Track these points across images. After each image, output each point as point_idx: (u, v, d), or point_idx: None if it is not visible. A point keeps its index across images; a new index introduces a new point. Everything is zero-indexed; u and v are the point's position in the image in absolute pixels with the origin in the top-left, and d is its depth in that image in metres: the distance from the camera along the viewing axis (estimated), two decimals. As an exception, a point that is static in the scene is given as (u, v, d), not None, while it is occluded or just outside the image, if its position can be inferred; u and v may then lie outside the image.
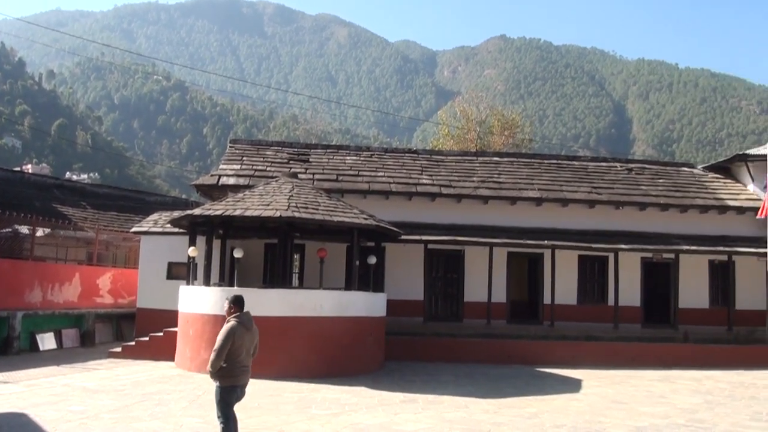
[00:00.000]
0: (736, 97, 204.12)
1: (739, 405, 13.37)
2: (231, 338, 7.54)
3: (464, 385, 14.61)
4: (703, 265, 23.48)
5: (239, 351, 7.62)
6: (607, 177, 24.54)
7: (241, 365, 7.67)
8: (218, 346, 7.48)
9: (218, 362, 7.47)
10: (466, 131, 46.09)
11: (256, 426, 9.72)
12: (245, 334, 7.73)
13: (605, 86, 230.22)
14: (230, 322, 7.72)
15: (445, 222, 21.68)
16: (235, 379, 7.64)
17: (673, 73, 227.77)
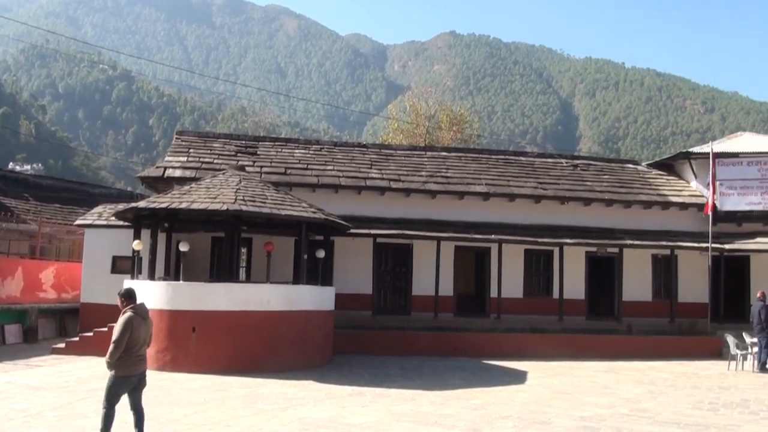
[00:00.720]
0: (680, 97, 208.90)
1: (681, 394, 13.77)
2: (129, 329, 7.76)
3: (412, 378, 14.73)
4: (646, 259, 24.08)
5: (136, 341, 7.85)
6: (553, 173, 24.94)
7: (136, 355, 7.90)
8: (116, 337, 7.70)
9: (117, 353, 7.70)
10: (415, 126, 46.28)
11: (202, 421, 9.64)
12: (141, 325, 7.95)
13: (553, 84, 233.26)
14: (126, 313, 7.91)
15: (394, 216, 21.78)
16: (130, 369, 7.86)
17: (620, 72, 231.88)
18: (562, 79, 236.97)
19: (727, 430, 10.23)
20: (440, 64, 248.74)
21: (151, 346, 14.45)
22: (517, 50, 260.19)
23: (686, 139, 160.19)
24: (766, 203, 23.82)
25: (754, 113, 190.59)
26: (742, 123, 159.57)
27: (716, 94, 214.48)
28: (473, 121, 53.92)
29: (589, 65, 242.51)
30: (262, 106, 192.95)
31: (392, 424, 9.78)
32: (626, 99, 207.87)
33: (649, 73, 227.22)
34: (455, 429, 9.62)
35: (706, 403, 12.69)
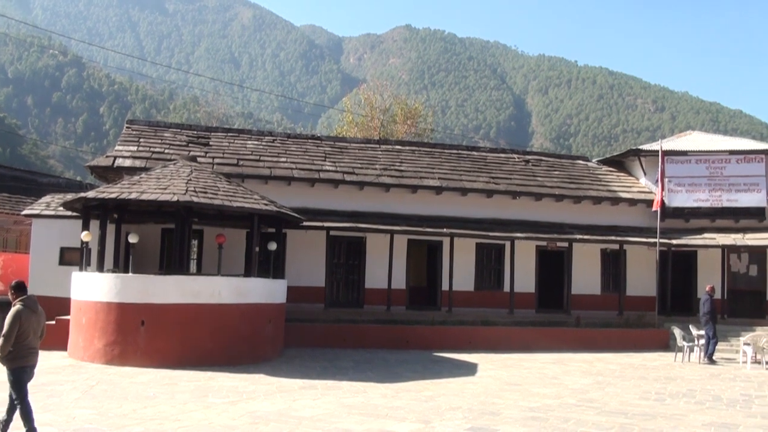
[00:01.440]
0: (632, 95, 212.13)
1: (629, 385, 14.07)
2: (18, 322, 7.77)
3: (363, 371, 14.76)
4: (595, 254, 24.54)
5: (26, 333, 7.86)
6: (505, 168, 25.19)
7: (28, 347, 7.92)
8: (6, 331, 7.70)
9: (7, 346, 7.70)
10: (370, 119, 46.26)
11: (152, 416, 9.51)
12: (31, 317, 7.95)
13: (506, 80, 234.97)
14: (16, 306, 7.91)
15: (347, 209, 21.75)
16: (23, 360, 7.89)
17: (572, 69, 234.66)
18: (516, 76, 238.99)
19: (673, 419, 10.47)
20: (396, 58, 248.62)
21: (99, 339, 14.35)
22: (471, 46, 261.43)
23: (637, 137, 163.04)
24: (714, 200, 24.48)
25: (703, 113, 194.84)
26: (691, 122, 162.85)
27: (667, 93, 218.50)
28: (427, 115, 54.09)
29: (542, 62, 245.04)
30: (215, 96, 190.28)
31: (343, 417, 9.79)
32: (578, 96, 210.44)
33: (601, 71, 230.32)
34: (406, 421, 9.67)
35: (653, 394, 13.00)
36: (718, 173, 24.62)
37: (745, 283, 24.94)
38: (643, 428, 9.69)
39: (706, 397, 12.79)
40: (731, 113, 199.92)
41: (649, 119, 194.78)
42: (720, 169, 24.64)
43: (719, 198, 24.50)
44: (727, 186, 24.51)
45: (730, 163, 24.67)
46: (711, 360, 18.36)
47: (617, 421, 10.13)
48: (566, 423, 9.87)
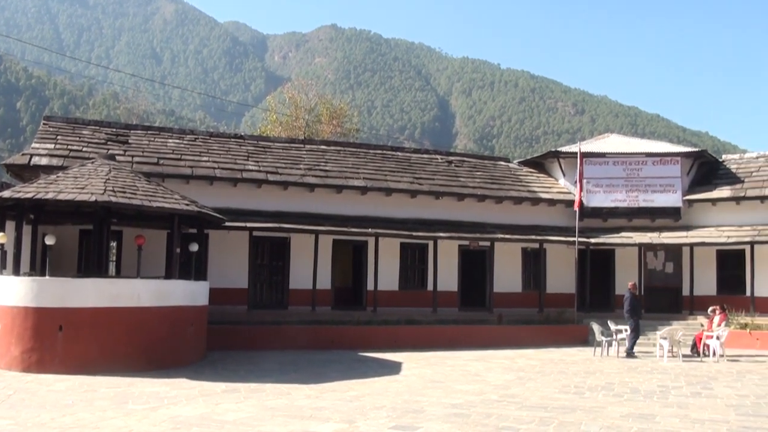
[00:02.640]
0: (552, 99, 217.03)
1: (549, 380, 14.37)
2: None
3: (288, 372, 14.64)
4: (516, 253, 25.06)
5: None
6: (428, 168, 25.44)
7: None
8: None
9: None
10: (294, 118, 46.02)
11: (70, 424, 9.19)
12: None
13: (431, 81, 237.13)
14: None
15: (271, 209, 21.55)
16: None
17: (495, 72, 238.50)
18: (440, 77, 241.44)
19: (592, 411, 10.72)
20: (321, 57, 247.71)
21: (16, 346, 13.78)
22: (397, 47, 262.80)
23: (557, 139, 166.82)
24: (631, 200, 25.33)
25: (622, 116, 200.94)
26: (610, 125, 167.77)
27: (587, 97, 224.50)
28: (353, 115, 54.27)
29: (466, 65, 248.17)
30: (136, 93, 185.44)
31: (267, 420, 9.68)
32: (501, 99, 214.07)
33: (523, 74, 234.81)
34: (330, 421, 9.64)
35: (573, 387, 13.30)
36: (635, 175, 25.48)
37: (661, 279, 25.86)
38: (563, 421, 9.89)
39: (624, 389, 13.17)
40: (649, 117, 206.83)
41: (570, 122, 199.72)
42: (637, 171, 25.50)
43: (636, 198, 25.37)
44: (643, 187, 25.39)
45: (646, 165, 25.56)
46: (631, 354, 18.97)
47: (537, 415, 10.32)
48: (488, 418, 10.01)
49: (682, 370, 16.45)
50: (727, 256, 25.07)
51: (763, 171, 25.55)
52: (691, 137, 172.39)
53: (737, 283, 24.45)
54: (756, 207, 24.53)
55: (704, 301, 23.09)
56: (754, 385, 14.06)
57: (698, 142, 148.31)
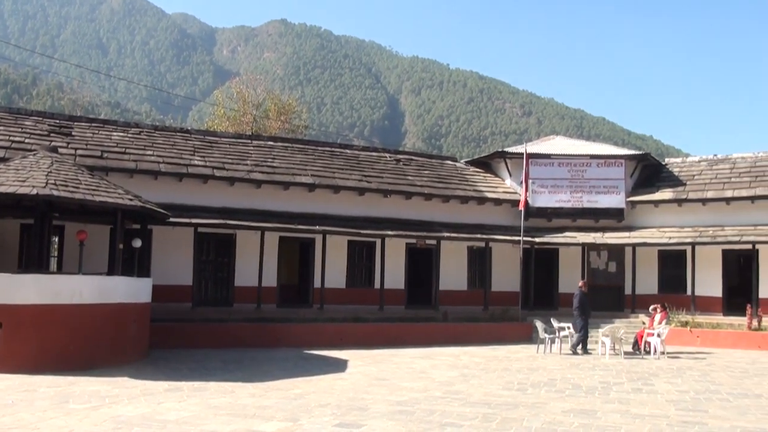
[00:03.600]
0: (500, 99, 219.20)
1: (493, 376, 14.54)
2: None
3: (232, 371, 14.50)
4: (462, 251, 25.30)
5: None
6: (377, 166, 25.48)
7: None
8: None
9: None
10: (242, 114, 45.55)
11: (10, 424, 8.93)
12: None
13: (381, 79, 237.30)
14: None
15: (217, 205, 21.28)
16: None
17: (444, 72, 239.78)
18: (390, 76, 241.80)
19: (534, 407, 10.88)
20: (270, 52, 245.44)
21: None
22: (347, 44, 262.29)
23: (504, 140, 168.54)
24: (575, 201, 25.79)
25: (568, 118, 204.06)
26: (557, 127, 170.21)
27: (534, 99, 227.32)
28: (301, 111, 53.95)
29: (416, 64, 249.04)
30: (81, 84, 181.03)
31: (209, 419, 9.57)
32: (450, 98, 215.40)
33: (472, 75, 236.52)
34: (273, 420, 9.57)
35: (516, 384, 13.48)
36: (579, 176, 25.94)
37: (604, 278, 26.38)
38: (505, 417, 10.01)
39: (566, 385, 13.40)
40: (594, 120, 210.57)
41: (517, 123, 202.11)
42: (581, 172, 25.97)
43: (580, 199, 25.84)
44: (587, 188, 25.87)
45: (591, 166, 26.04)
46: (583, 350, 19.32)
47: (481, 411, 10.42)
48: (432, 415, 10.07)
49: (623, 366, 16.82)
50: (669, 256, 25.74)
51: (704, 175, 26.28)
52: (636, 140, 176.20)
53: (678, 283, 25.12)
54: (697, 209, 25.22)
55: (646, 300, 23.63)
56: (693, 381, 14.44)
57: (642, 145, 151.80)
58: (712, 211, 24.99)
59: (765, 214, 24.02)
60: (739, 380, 14.67)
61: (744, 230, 23.83)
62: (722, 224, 24.58)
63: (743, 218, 24.34)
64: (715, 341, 21.60)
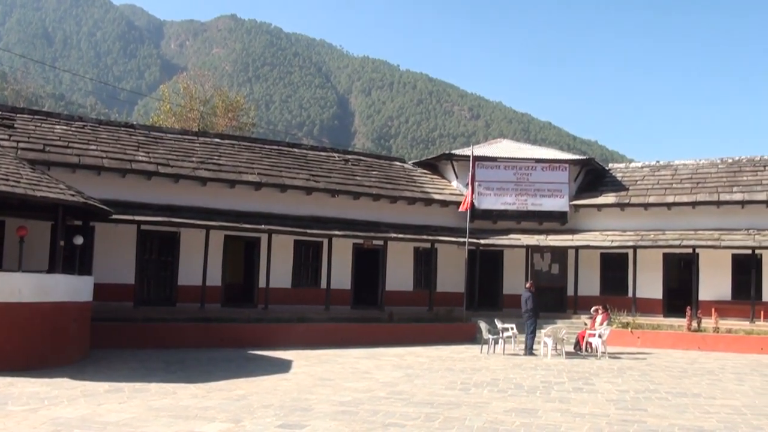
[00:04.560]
0: (449, 102, 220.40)
1: (436, 376, 14.66)
2: None
3: (174, 371, 14.32)
4: (409, 252, 25.45)
5: None
6: (325, 166, 25.44)
7: None
8: None
9: None
10: (189, 110, 45.00)
11: (-62, 427, 8.69)
12: None
13: (331, 79, 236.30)
14: None
15: (161, 202, 20.94)
16: None
17: (395, 73, 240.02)
18: (341, 75, 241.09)
19: (476, 407, 11.02)
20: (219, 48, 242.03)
21: None
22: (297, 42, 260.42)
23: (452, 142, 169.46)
24: (520, 204, 26.19)
25: (515, 122, 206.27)
26: (504, 130, 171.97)
27: (482, 102, 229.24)
28: (249, 109, 53.57)
29: (366, 64, 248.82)
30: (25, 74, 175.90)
31: (150, 420, 9.44)
32: (399, 100, 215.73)
33: (421, 77, 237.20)
34: (215, 421, 9.50)
35: (459, 384, 13.63)
36: (524, 179, 26.34)
37: (547, 280, 26.84)
38: (448, 417, 10.11)
39: (509, 385, 13.60)
40: (541, 124, 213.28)
41: (465, 125, 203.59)
42: (526, 176, 26.37)
43: (525, 202, 26.25)
44: (532, 191, 26.29)
45: (536, 170, 26.46)
46: (531, 352, 19.56)
47: (424, 411, 10.51)
48: (375, 415, 10.12)
49: (565, 366, 17.13)
50: (611, 259, 26.34)
51: (647, 180, 27.01)
52: (581, 145, 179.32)
53: (620, 285, 25.76)
54: (639, 213, 25.87)
55: (588, 301, 24.18)
56: (633, 380, 14.81)
57: (588, 150, 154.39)
58: (654, 216, 25.69)
59: (705, 219, 24.82)
60: (678, 380, 15.10)
61: (684, 235, 24.54)
62: (663, 228, 25.27)
63: (684, 223, 25.08)
64: (655, 342, 22.16)
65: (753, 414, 11.05)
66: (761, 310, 23.32)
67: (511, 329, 20.39)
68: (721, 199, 24.58)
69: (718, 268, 24.56)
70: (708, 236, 24.16)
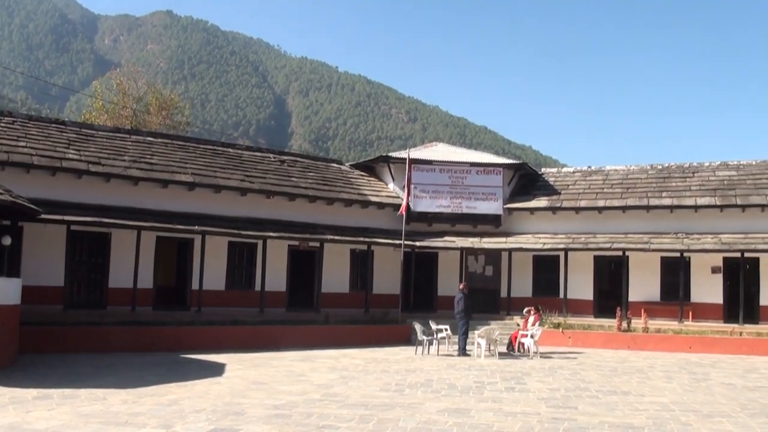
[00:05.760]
0: (387, 105, 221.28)
1: (371, 378, 14.70)
2: None
3: (104, 376, 14.00)
4: (345, 254, 25.51)
5: None
6: (260, 166, 25.27)
7: None
8: None
9: None
10: (121, 107, 44.05)
11: None
12: None
13: (268, 79, 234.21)
14: None
15: (92, 202, 20.44)
16: None
17: (333, 75, 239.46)
18: (278, 75, 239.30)
19: (410, 408, 11.12)
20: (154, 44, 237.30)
21: None
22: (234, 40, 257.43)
23: (390, 144, 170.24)
24: (455, 207, 26.51)
25: (451, 126, 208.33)
26: (441, 134, 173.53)
27: (419, 105, 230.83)
28: (184, 107, 52.75)
29: (304, 65, 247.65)
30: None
31: (80, 427, 9.23)
32: (338, 101, 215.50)
33: (360, 79, 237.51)
34: (146, 427, 9.35)
35: (393, 385, 13.71)
36: (459, 182, 26.69)
37: (481, 282, 27.23)
38: (382, 418, 10.17)
39: (442, 386, 13.74)
40: (477, 129, 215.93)
41: (403, 128, 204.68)
42: (461, 179, 26.72)
43: (459, 205, 26.59)
44: (467, 194, 26.65)
45: (470, 173, 26.83)
46: (464, 353, 19.75)
47: (358, 413, 10.55)
48: (309, 418, 10.11)
49: (498, 366, 17.39)
50: (543, 261, 26.93)
51: (578, 185, 27.75)
52: (516, 150, 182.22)
53: (552, 286, 26.37)
54: (571, 217, 26.51)
55: (521, 302, 24.66)
56: (564, 379, 15.15)
57: (522, 155, 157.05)
58: (585, 220, 26.37)
59: (635, 223, 25.64)
60: (608, 378, 15.50)
61: (615, 238, 25.24)
62: (594, 232, 25.96)
63: (614, 226, 25.83)
64: (586, 342, 22.70)
65: (681, 410, 11.44)
66: (689, 311, 24.23)
67: (445, 330, 20.61)
68: (650, 203, 25.41)
69: (647, 270, 25.38)
70: (638, 239, 24.91)
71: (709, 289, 24.82)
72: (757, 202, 24.25)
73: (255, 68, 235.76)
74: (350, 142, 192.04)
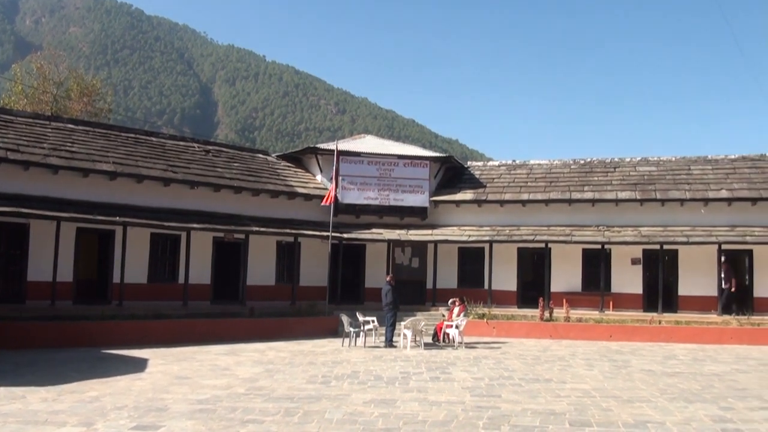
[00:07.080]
0: (316, 96, 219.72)
1: (297, 371, 14.68)
2: None
3: (23, 374, 13.55)
4: (271, 246, 25.30)
5: None
6: (184, 156, 24.84)
7: None
8: None
9: None
10: (41, 92, 42.51)
11: None
12: None
13: (194, 66, 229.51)
14: None
15: (9, 191, 19.61)
16: None
17: (260, 64, 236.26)
18: (204, 63, 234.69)
19: (337, 399, 11.19)
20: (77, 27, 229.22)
21: None
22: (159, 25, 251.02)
23: (318, 136, 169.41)
24: (382, 199, 26.65)
25: (380, 119, 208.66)
26: (369, 126, 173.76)
27: (348, 97, 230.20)
28: (106, 93, 51.28)
29: (231, 53, 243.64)
30: None
31: (-4, 426, 8.96)
32: (265, 91, 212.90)
33: (288, 69, 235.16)
34: (67, 425, 9.13)
35: (320, 377, 13.74)
36: (387, 175, 26.83)
37: (408, 273, 27.45)
38: (308, 411, 10.19)
39: (369, 377, 13.84)
40: (405, 121, 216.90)
41: (331, 120, 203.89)
42: (389, 171, 26.86)
43: (387, 197, 26.75)
44: (394, 187, 26.82)
45: (398, 166, 27.00)
46: (391, 344, 19.86)
47: (284, 406, 10.54)
48: (233, 412, 10.05)
49: (423, 357, 17.60)
50: (468, 253, 27.34)
51: (503, 178, 28.29)
52: (443, 143, 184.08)
53: (477, 278, 26.80)
54: (496, 210, 27.00)
55: (446, 294, 24.95)
56: (488, 369, 15.44)
57: (449, 148, 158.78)
58: (510, 212, 26.89)
59: (558, 216, 26.31)
60: (531, 367, 15.88)
61: (538, 230, 25.84)
62: (518, 224, 26.52)
63: (538, 219, 26.44)
64: (509, 332, 23.15)
65: (602, 396, 11.83)
66: (610, 301, 25.02)
67: (372, 322, 20.72)
68: (573, 197, 26.09)
69: (569, 261, 26.08)
70: (560, 232, 25.56)
71: (630, 279, 25.66)
72: (675, 197, 25.17)
73: (180, 55, 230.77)
74: (277, 133, 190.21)
